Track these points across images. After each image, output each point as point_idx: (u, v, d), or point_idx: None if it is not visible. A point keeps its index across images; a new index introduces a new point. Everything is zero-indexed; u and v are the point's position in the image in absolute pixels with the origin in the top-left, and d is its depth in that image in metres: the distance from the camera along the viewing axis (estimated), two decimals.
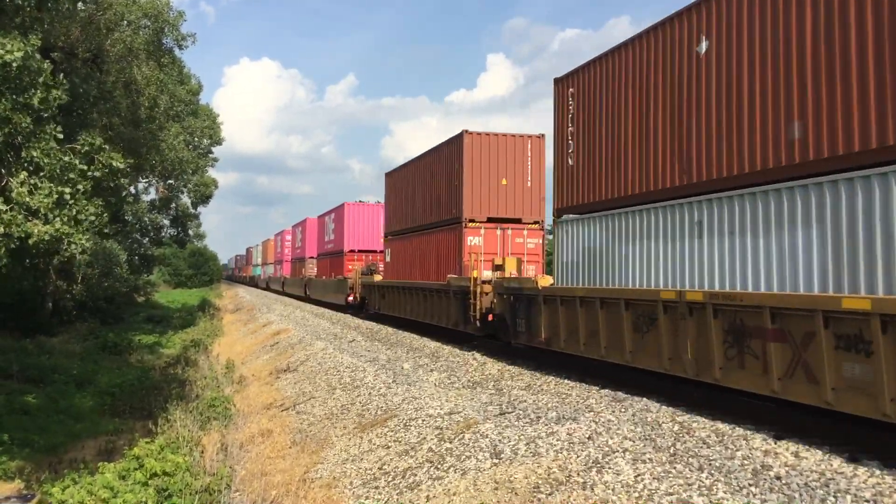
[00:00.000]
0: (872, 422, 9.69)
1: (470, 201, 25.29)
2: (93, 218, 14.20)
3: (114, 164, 14.93)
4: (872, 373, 9.35)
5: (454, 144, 26.50)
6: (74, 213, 13.86)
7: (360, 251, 45.50)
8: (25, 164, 13.65)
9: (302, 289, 61.24)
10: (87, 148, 14.60)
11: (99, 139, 15.01)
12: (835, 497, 8.17)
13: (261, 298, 73.62)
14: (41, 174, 13.60)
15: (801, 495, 8.29)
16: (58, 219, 13.46)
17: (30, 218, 13.28)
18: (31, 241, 13.25)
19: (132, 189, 37.46)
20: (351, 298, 41.58)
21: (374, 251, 44.07)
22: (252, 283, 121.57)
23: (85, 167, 14.36)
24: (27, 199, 13.24)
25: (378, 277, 35.90)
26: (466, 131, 25.49)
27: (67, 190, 13.78)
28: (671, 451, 10.32)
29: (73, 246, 13.88)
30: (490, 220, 25.33)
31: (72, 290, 42.68)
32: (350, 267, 44.11)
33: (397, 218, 34.23)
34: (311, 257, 59.81)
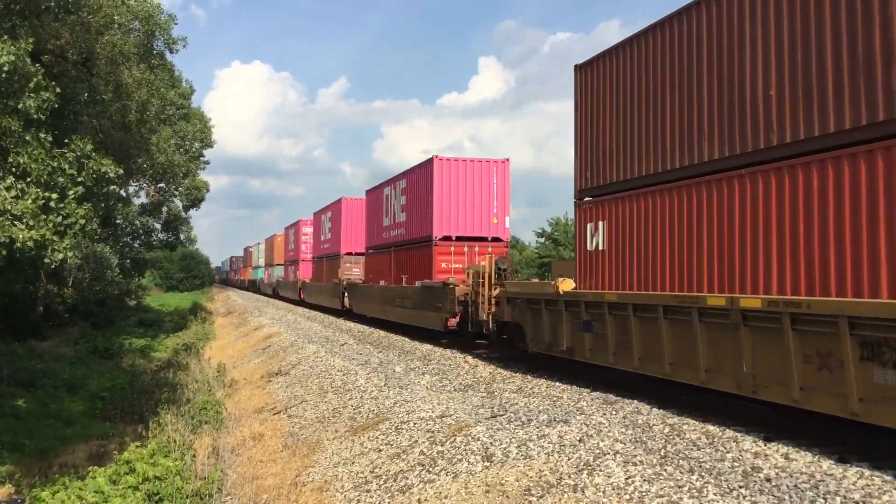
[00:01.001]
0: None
1: None
2: (83, 222, 14.14)
3: (104, 169, 14.88)
4: None
5: None
6: (61, 218, 13.80)
7: (460, 239, 27.97)
8: (12, 169, 13.61)
9: (337, 298, 42.23)
10: (77, 153, 14.56)
11: (89, 145, 14.96)
12: (824, 498, 8.19)
13: (253, 302, 73.39)
14: (28, 179, 13.56)
15: (790, 497, 8.31)
16: (43, 225, 13.41)
17: (15, 223, 13.24)
18: (15, 247, 13.20)
19: (122, 192, 37.32)
20: (455, 321, 24.18)
21: (485, 239, 27.97)
22: (253, 287, 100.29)
23: (74, 172, 14.32)
24: (10, 204, 13.20)
25: (566, 285, 16.86)
26: None
27: (54, 195, 13.73)
28: (662, 453, 10.34)
29: (56, 253, 13.82)
30: None
31: (63, 293, 42.57)
32: (444, 265, 27.70)
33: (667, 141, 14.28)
34: (352, 254, 43.07)
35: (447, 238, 27.88)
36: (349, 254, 43.28)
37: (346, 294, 40.85)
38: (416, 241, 29.92)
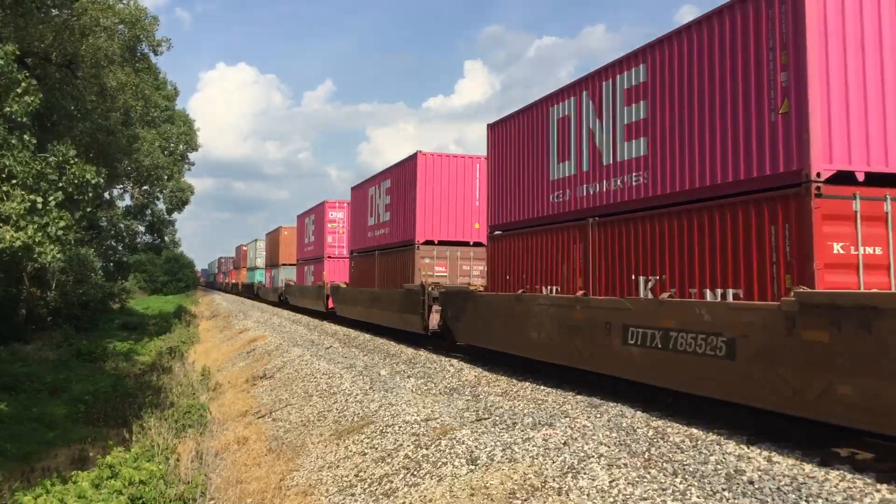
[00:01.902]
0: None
1: None
2: (61, 232, 14.11)
3: (86, 176, 14.84)
4: None
5: None
6: (45, 221, 13.77)
7: (878, 181, 11.09)
8: None
9: (415, 315, 25.93)
10: (59, 158, 14.52)
11: (72, 150, 14.92)
12: (807, 501, 8.26)
13: (238, 305, 73.01)
14: (14, 182, 13.51)
15: (773, 499, 8.37)
16: (30, 226, 13.37)
17: (1, 225, 13.20)
18: (1, 247, 13.14)
19: (106, 195, 37.17)
20: None
21: None
22: (248, 292, 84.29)
23: (56, 177, 14.29)
24: None
25: None
26: None
27: (40, 198, 13.68)
28: (646, 456, 10.39)
29: (42, 256, 13.78)
30: None
31: (46, 296, 42.34)
32: (850, 250, 10.94)
33: None
34: (434, 243, 27.41)
35: (845, 178, 11.06)
36: (429, 243, 27.64)
37: (431, 309, 25.02)
38: (729, 193, 12.51)
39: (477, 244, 26.95)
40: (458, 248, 27.41)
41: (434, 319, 24.60)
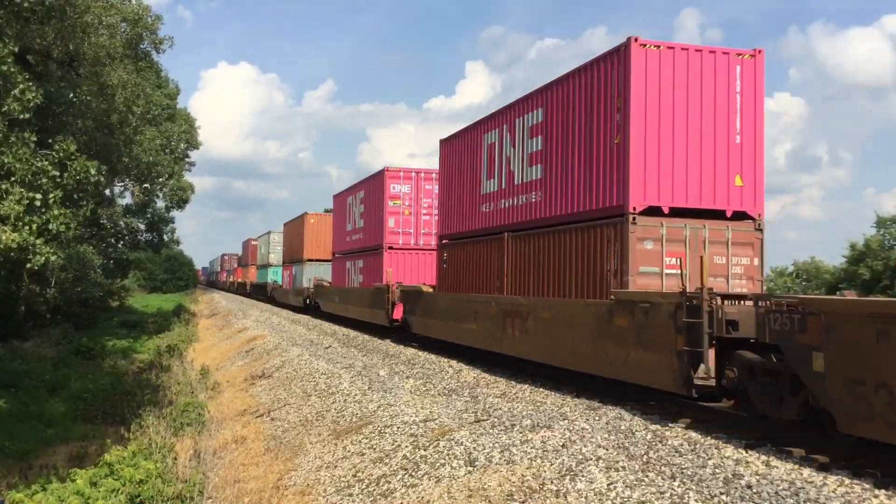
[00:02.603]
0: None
1: None
2: (63, 228, 14.08)
3: (90, 171, 14.82)
4: None
5: None
6: (44, 220, 13.74)
7: None
8: None
9: (660, 354, 12.70)
10: (61, 154, 14.50)
11: (73, 145, 14.90)
12: None
13: (237, 304, 72.97)
14: (12, 179, 13.48)
15: None
16: (26, 227, 13.33)
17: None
18: None
19: (107, 192, 37.16)
20: None
21: None
22: (260, 293, 72.83)
23: (57, 174, 14.27)
24: None
25: None
26: None
27: (38, 196, 13.65)
28: (644, 459, 10.38)
29: (38, 257, 13.74)
30: None
31: (45, 294, 42.30)
32: None
33: None
34: (716, 215, 14.75)
35: None
36: (654, 212, 14.55)
37: (709, 345, 11.80)
38: None
39: (739, 216, 15.13)
40: (702, 222, 14.84)
41: (710, 362, 12.03)
